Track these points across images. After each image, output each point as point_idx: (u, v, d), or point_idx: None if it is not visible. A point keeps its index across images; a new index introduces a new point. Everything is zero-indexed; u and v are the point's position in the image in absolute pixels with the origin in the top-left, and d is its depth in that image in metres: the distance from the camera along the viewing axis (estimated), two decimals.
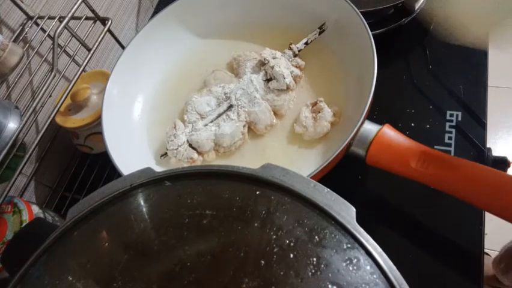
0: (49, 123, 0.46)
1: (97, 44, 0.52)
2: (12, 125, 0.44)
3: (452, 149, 0.50)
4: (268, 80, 0.51)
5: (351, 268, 0.21)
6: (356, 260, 0.22)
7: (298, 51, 0.53)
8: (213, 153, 0.50)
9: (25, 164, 0.45)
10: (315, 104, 0.49)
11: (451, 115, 0.53)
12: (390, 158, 0.41)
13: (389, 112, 0.55)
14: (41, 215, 0.51)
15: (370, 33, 0.46)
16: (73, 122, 0.59)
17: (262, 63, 0.53)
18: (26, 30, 0.55)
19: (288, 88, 0.51)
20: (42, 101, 0.48)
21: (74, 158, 0.66)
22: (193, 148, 0.50)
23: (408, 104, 0.56)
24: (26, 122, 0.45)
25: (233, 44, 0.60)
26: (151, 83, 0.59)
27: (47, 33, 0.56)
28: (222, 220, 0.25)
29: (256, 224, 0.24)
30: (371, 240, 0.22)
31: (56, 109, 0.48)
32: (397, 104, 0.56)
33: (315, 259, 0.22)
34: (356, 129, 0.41)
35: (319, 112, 0.48)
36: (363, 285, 0.21)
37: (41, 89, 0.45)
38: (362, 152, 0.42)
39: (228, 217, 0.25)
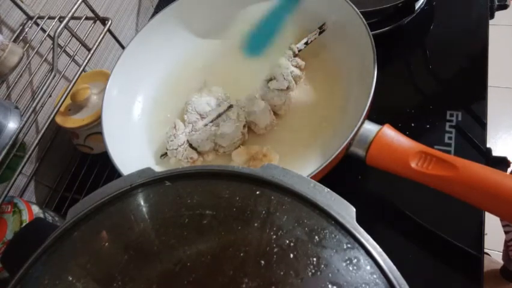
0: (49, 123, 0.46)
1: (97, 44, 0.52)
2: (12, 125, 0.44)
3: (452, 149, 0.50)
4: (268, 80, 0.51)
5: (351, 268, 0.21)
6: (356, 260, 0.22)
7: (299, 51, 0.53)
8: (212, 153, 0.50)
9: (25, 164, 0.45)
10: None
11: (451, 115, 0.53)
12: (390, 158, 0.41)
13: (389, 112, 0.55)
14: (41, 215, 0.51)
15: (370, 33, 0.46)
16: (73, 122, 0.59)
17: None
18: (26, 30, 0.55)
19: (288, 88, 0.50)
20: (42, 101, 0.48)
21: (74, 158, 0.66)
22: (193, 148, 0.50)
23: (408, 104, 0.56)
24: (26, 122, 0.45)
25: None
26: (151, 83, 0.59)
27: (47, 33, 0.56)
28: (222, 220, 0.25)
29: (256, 224, 0.24)
30: (371, 240, 0.22)
31: (56, 109, 0.48)
32: (397, 104, 0.56)
33: (315, 259, 0.22)
34: (356, 129, 0.41)
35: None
36: (363, 285, 0.21)
37: (41, 89, 0.45)
38: (362, 152, 0.42)
39: (227, 217, 0.25)
